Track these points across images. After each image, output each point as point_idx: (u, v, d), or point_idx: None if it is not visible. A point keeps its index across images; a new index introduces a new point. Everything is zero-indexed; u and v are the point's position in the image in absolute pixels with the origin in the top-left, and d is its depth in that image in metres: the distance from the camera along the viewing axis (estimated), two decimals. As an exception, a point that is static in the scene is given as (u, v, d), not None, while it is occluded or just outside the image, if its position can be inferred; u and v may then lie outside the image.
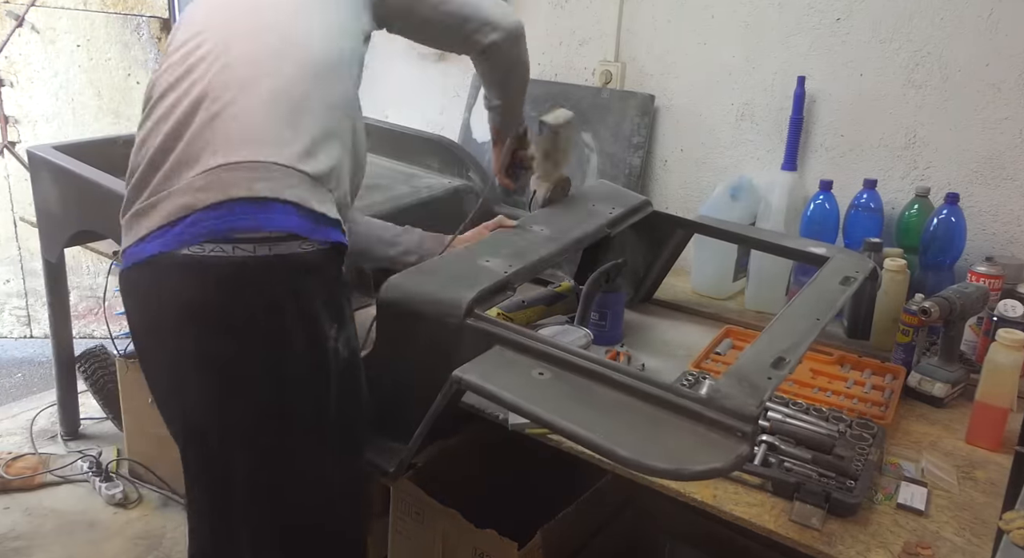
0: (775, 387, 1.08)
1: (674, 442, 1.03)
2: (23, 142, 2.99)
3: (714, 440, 1.02)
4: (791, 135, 1.94)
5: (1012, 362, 1.34)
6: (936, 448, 1.38)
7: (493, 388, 1.13)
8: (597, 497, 1.64)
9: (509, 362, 1.20)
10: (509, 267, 1.39)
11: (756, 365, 1.12)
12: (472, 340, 1.26)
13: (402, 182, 2.19)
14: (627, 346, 1.67)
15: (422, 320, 1.31)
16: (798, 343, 1.18)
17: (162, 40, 3.09)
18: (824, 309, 1.30)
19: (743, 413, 1.02)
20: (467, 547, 1.51)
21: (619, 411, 1.09)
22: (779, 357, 1.14)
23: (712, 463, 0.99)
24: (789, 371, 1.13)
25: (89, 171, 1.94)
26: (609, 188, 1.83)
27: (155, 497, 2.33)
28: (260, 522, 1.28)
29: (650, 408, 1.09)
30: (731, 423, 1.02)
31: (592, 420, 1.07)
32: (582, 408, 1.10)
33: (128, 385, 2.31)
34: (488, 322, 1.27)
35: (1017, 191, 1.73)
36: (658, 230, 1.81)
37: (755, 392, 1.05)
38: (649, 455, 1.00)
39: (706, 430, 1.04)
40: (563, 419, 1.07)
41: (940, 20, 1.75)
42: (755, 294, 1.92)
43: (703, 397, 1.06)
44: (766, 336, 1.21)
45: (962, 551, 1.12)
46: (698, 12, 2.09)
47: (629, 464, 1.01)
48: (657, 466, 0.99)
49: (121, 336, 3.02)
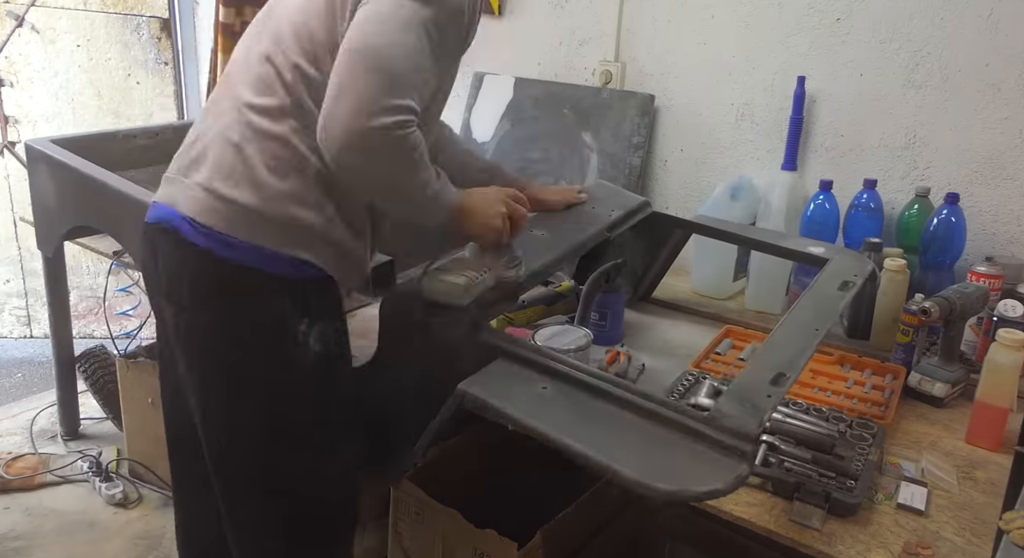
0: (775, 405, 1.11)
1: (675, 461, 1.05)
2: (23, 142, 2.99)
3: (715, 459, 1.05)
4: (791, 135, 1.94)
5: (1012, 362, 1.34)
6: (936, 448, 1.38)
7: (498, 404, 1.16)
8: (597, 497, 1.64)
9: (513, 375, 1.22)
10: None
11: (756, 383, 1.14)
12: (476, 351, 1.27)
13: None
14: (627, 346, 1.67)
15: (426, 329, 1.32)
16: (797, 357, 1.20)
17: (162, 40, 3.09)
18: (823, 318, 1.31)
19: (744, 432, 1.05)
20: (467, 547, 1.51)
21: (621, 428, 1.12)
22: (779, 373, 1.15)
23: (713, 484, 1.01)
24: (789, 386, 1.15)
25: (86, 166, 1.93)
26: (608, 189, 1.82)
27: (155, 497, 2.33)
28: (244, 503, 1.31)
29: (651, 426, 1.11)
30: (732, 443, 1.05)
31: (595, 438, 1.09)
32: (585, 425, 1.12)
33: (128, 385, 2.31)
34: (492, 335, 1.30)
35: (1017, 191, 1.73)
36: (657, 230, 1.81)
37: (755, 412, 1.07)
38: (652, 476, 1.02)
39: (707, 449, 1.06)
40: (568, 437, 1.09)
41: (940, 20, 1.75)
42: (755, 294, 1.92)
43: (705, 416, 1.08)
44: (765, 349, 1.23)
45: (962, 551, 1.12)
46: (698, 12, 2.09)
47: (632, 485, 1.03)
48: (660, 488, 1.01)
49: (121, 336, 3.02)
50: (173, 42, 3.13)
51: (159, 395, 1.43)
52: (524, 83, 2.39)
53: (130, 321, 3.19)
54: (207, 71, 2.94)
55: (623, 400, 1.14)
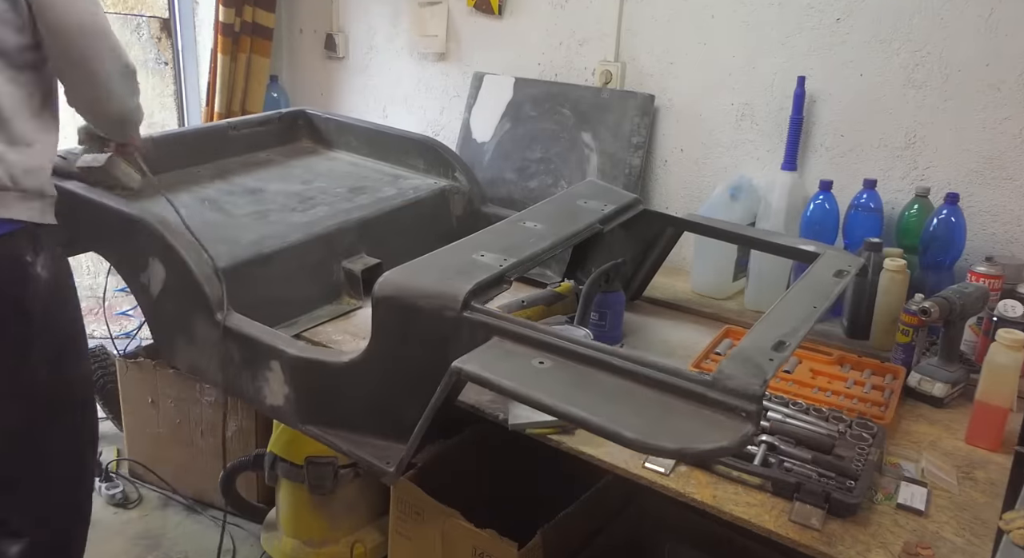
0: (777, 368, 1.09)
1: (679, 424, 1.04)
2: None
3: (719, 421, 1.03)
4: (791, 135, 1.94)
5: (1012, 362, 1.34)
6: (936, 448, 1.38)
7: (493, 377, 1.13)
8: (597, 497, 1.64)
9: (508, 353, 1.20)
10: (504, 261, 1.39)
11: (757, 348, 1.12)
12: (470, 332, 1.26)
13: (388, 183, 2.19)
14: (627, 346, 1.68)
15: (419, 314, 1.31)
16: (797, 328, 1.19)
17: (162, 40, 3.09)
18: (820, 298, 1.31)
19: (747, 392, 1.03)
20: (467, 547, 1.51)
21: (622, 396, 1.10)
22: (779, 341, 1.14)
23: (719, 442, 0.99)
24: (790, 353, 1.13)
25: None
26: (599, 186, 1.83)
27: (155, 497, 2.33)
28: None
29: (653, 393, 1.09)
30: (735, 403, 1.03)
31: (595, 405, 1.07)
32: (585, 394, 1.10)
33: (128, 385, 2.31)
34: (486, 314, 1.27)
35: (1017, 191, 1.73)
36: (648, 228, 1.81)
37: (758, 372, 1.06)
38: (655, 436, 1.00)
39: (711, 412, 1.05)
40: (566, 404, 1.07)
41: (940, 20, 1.75)
42: (755, 294, 1.92)
43: (707, 379, 1.07)
44: (764, 323, 1.22)
45: (962, 551, 1.12)
46: (698, 12, 2.09)
47: (635, 445, 1.01)
48: (663, 446, 0.99)
49: (121, 336, 3.02)
50: (173, 42, 3.13)
51: (159, 395, 1.44)
52: (524, 83, 2.39)
53: (130, 321, 3.20)
54: (207, 71, 2.95)
55: (622, 369, 1.12)
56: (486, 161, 2.43)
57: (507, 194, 2.36)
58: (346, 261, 1.88)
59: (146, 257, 1.69)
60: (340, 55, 2.91)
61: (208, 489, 2.25)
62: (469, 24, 2.54)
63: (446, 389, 1.21)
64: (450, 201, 2.16)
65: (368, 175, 2.26)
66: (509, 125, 2.40)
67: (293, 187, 2.13)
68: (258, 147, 2.40)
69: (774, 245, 1.68)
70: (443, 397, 1.22)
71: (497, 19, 2.46)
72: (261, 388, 1.59)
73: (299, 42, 3.05)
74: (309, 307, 1.83)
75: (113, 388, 2.45)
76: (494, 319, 1.26)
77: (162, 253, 1.66)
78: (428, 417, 1.27)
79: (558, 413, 1.07)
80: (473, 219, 2.13)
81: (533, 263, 1.46)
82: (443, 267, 1.38)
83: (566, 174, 2.26)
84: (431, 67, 2.69)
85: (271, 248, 1.77)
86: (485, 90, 2.48)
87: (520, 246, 1.46)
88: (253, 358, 1.58)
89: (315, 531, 1.99)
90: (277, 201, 2.03)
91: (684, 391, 1.07)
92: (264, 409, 1.63)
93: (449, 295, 1.28)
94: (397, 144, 2.33)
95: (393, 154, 2.34)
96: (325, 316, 1.82)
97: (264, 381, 1.58)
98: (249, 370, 1.60)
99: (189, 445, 2.26)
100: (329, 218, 1.92)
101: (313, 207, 2.00)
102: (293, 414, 1.55)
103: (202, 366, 1.70)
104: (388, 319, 1.36)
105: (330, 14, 2.90)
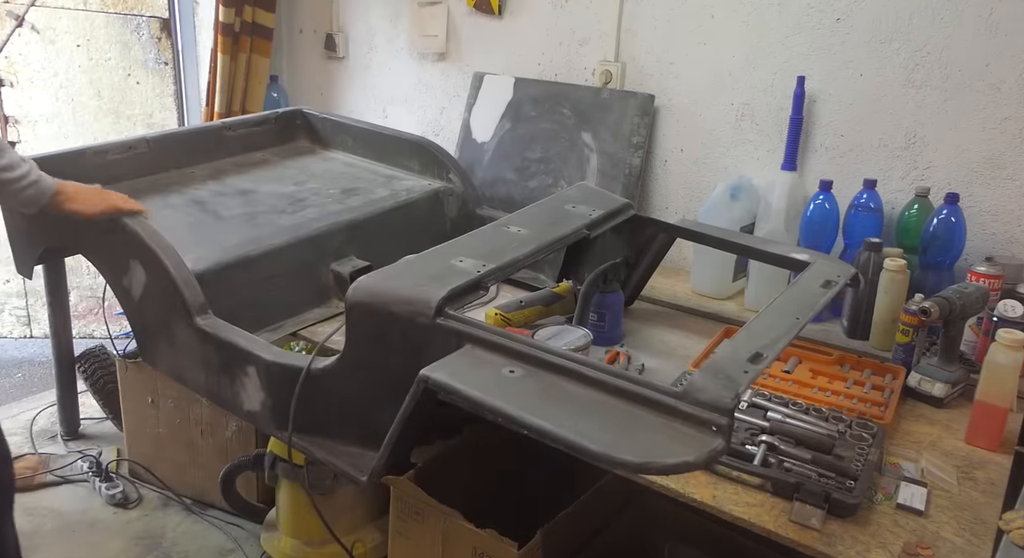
0: (751, 381, 1.08)
1: (647, 437, 1.02)
2: (23, 142, 2.99)
3: (688, 435, 1.01)
4: (791, 135, 1.94)
5: (1012, 362, 1.34)
6: (936, 448, 1.38)
7: (460, 386, 1.12)
8: (597, 497, 1.64)
9: (480, 361, 1.19)
10: (482, 267, 1.37)
11: (733, 360, 1.11)
12: (443, 340, 1.24)
13: (381, 185, 2.18)
14: (627, 346, 1.68)
15: (393, 320, 1.29)
16: (776, 340, 1.17)
17: (162, 40, 3.09)
18: (804, 309, 1.30)
19: (718, 405, 1.01)
20: (467, 547, 1.51)
21: (592, 407, 1.08)
22: (756, 353, 1.13)
23: (684, 457, 0.97)
24: (766, 366, 1.12)
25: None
26: (590, 190, 1.81)
27: (155, 497, 2.33)
28: None
29: (623, 404, 1.08)
30: (706, 416, 1.01)
31: (562, 416, 1.05)
32: (552, 405, 1.09)
33: (128, 385, 2.31)
34: (459, 321, 1.25)
35: (1017, 191, 1.73)
36: (640, 233, 1.80)
37: (730, 384, 1.04)
38: (619, 449, 0.99)
39: (681, 425, 1.03)
40: (530, 415, 1.05)
41: (940, 20, 1.75)
42: (755, 294, 1.92)
43: (677, 391, 1.05)
44: (744, 333, 1.21)
45: (962, 551, 1.12)
46: (698, 12, 2.09)
47: (599, 459, 0.99)
48: (626, 460, 0.97)
49: (121, 336, 3.02)
50: (173, 42, 3.13)
51: (159, 395, 1.43)
52: (524, 83, 2.39)
53: (130, 321, 3.19)
54: (207, 71, 2.95)
55: (592, 379, 1.11)
56: (486, 161, 2.43)
57: (507, 194, 2.36)
58: (335, 263, 1.87)
59: (127, 260, 1.68)
60: (340, 55, 2.92)
61: (208, 489, 2.24)
62: (469, 24, 2.54)
63: (415, 398, 1.19)
64: (444, 203, 2.15)
65: (362, 176, 2.25)
66: (509, 125, 2.40)
67: (285, 188, 2.12)
68: (254, 147, 2.39)
69: (765, 253, 1.66)
70: (412, 406, 1.21)
71: (497, 19, 2.46)
72: (238, 393, 1.57)
73: (299, 42, 3.06)
74: (296, 310, 1.81)
75: (113, 388, 2.45)
76: (467, 326, 1.24)
77: (141, 256, 1.64)
78: (398, 426, 1.25)
79: (522, 425, 1.06)
80: (467, 221, 2.12)
81: (513, 269, 1.44)
82: (419, 272, 1.36)
83: (566, 174, 2.26)
84: (431, 67, 2.69)
85: (256, 251, 1.75)
86: (485, 90, 2.48)
87: (500, 251, 1.44)
88: (230, 363, 1.56)
89: (315, 531, 1.98)
90: (267, 202, 2.01)
91: (654, 403, 1.06)
92: (241, 414, 1.61)
93: (422, 301, 1.26)
94: (392, 145, 2.33)
95: (388, 155, 2.33)
96: (313, 319, 1.80)
97: (241, 386, 1.56)
98: (227, 375, 1.58)
99: (189, 445, 2.26)
100: (318, 220, 1.91)
101: (303, 209, 1.98)
102: (269, 420, 1.53)
103: (183, 370, 1.69)
104: (362, 325, 1.33)
105: (330, 14, 2.90)
